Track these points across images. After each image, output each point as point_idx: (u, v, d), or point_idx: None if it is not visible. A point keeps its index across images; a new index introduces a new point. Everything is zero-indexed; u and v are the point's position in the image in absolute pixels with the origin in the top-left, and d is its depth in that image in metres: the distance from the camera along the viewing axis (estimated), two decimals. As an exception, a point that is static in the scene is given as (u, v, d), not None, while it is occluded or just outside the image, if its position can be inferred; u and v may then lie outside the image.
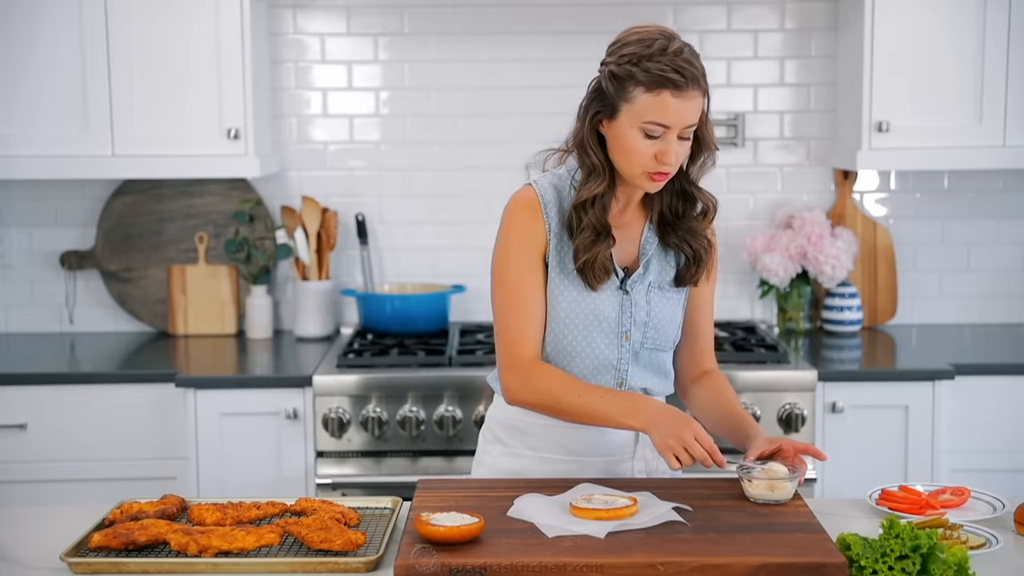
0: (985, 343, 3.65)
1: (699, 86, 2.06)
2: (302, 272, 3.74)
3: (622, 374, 2.20)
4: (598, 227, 2.13)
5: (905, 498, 2.12)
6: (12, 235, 3.83)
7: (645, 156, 2.06)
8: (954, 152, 3.47)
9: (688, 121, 2.06)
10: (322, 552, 1.86)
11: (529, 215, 2.17)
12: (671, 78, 2.03)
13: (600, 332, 2.17)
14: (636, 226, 2.22)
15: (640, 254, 2.21)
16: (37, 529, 2.06)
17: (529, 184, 2.20)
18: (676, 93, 2.03)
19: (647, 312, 2.19)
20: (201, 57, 3.42)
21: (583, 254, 2.13)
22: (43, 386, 3.25)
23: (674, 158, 2.07)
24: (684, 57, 2.05)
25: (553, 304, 2.18)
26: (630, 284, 2.18)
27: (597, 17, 3.75)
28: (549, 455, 2.22)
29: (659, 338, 2.22)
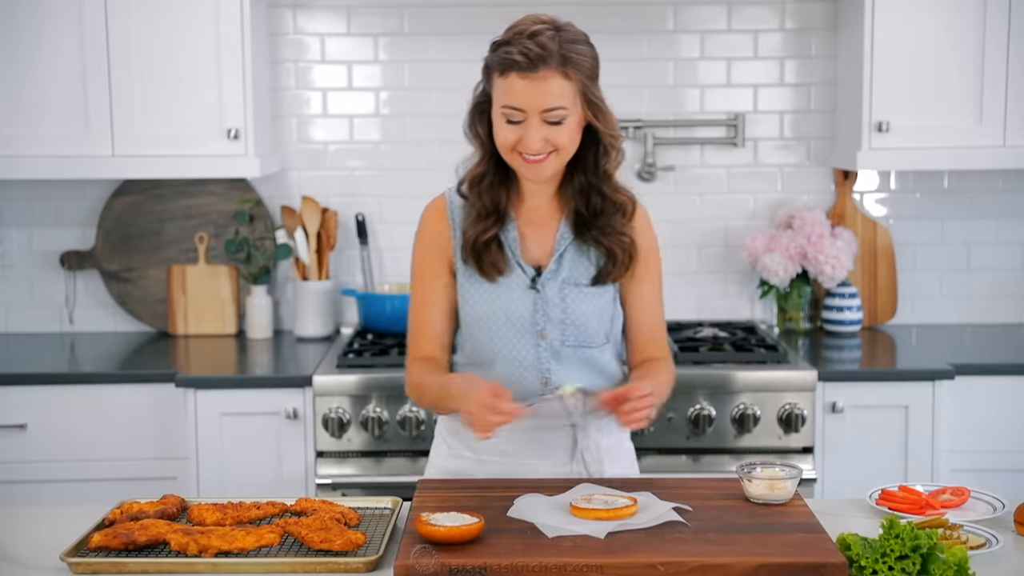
0: (985, 343, 3.65)
1: (551, 67, 2.02)
2: (302, 272, 3.74)
3: (545, 374, 2.18)
4: (481, 209, 2.14)
5: (905, 498, 2.12)
6: (12, 235, 3.83)
7: (508, 141, 2.07)
8: (954, 152, 3.47)
9: (544, 104, 2.02)
10: (322, 552, 1.86)
11: (433, 220, 2.21)
12: (516, 59, 2.01)
13: (514, 331, 2.16)
14: (552, 223, 2.20)
15: (554, 250, 2.19)
16: (37, 529, 2.06)
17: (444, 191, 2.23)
18: (522, 75, 2.01)
19: (563, 310, 2.17)
20: (201, 57, 3.42)
21: (467, 233, 2.15)
22: (43, 386, 3.25)
23: (536, 144, 2.04)
24: (537, 40, 2.01)
25: (465, 306, 2.18)
26: (542, 281, 2.16)
27: (597, 17, 3.75)
28: (486, 456, 2.23)
29: (581, 335, 2.19)
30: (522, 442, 2.20)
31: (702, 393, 3.18)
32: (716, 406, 3.18)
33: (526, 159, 2.07)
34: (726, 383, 3.19)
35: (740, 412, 3.17)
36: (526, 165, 2.09)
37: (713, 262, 3.86)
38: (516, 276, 2.17)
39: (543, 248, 2.19)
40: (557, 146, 2.07)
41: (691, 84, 3.80)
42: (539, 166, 2.08)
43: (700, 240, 3.86)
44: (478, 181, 2.16)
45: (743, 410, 3.17)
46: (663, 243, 3.82)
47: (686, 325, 3.74)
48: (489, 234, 2.14)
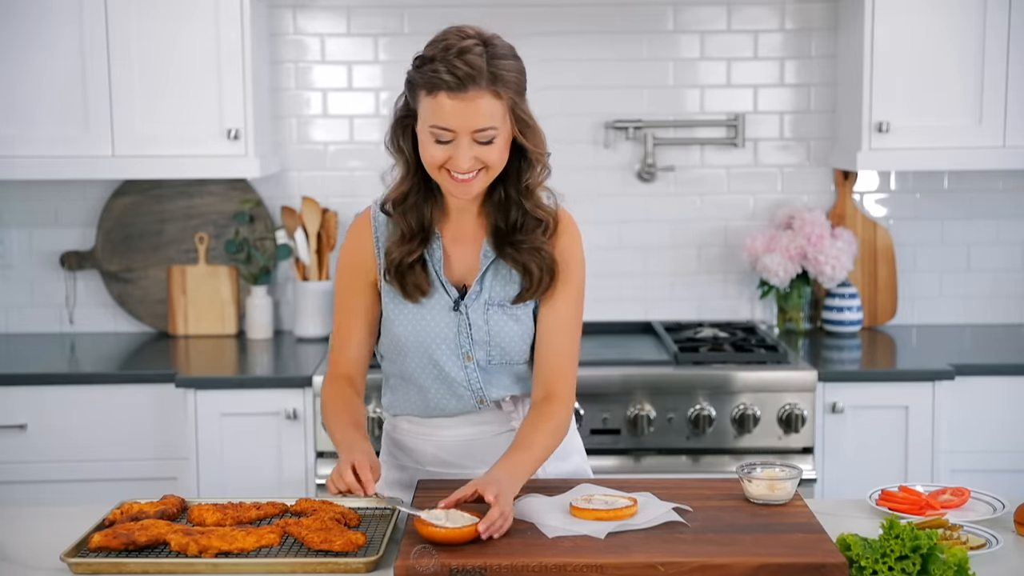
0: (985, 343, 3.65)
1: (482, 88, 1.94)
2: (302, 272, 3.74)
3: (478, 393, 2.16)
4: (405, 229, 2.09)
5: (905, 498, 2.12)
6: (12, 235, 3.83)
7: (437, 160, 2.00)
8: (954, 152, 3.47)
9: (475, 125, 1.96)
10: (322, 552, 1.86)
11: (357, 236, 2.17)
12: (444, 79, 1.93)
13: (440, 353, 2.13)
14: (476, 240, 2.14)
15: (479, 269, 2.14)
16: (37, 529, 2.06)
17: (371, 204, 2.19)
18: (452, 95, 1.94)
19: (487, 332, 2.12)
20: (201, 57, 3.42)
21: (392, 255, 2.10)
22: (43, 386, 3.25)
23: (465, 163, 1.98)
24: (466, 58, 1.94)
25: (390, 326, 2.15)
26: (464, 304, 2.12)
27: (597, 17, 3.75)
28: (430, 467, 2.22)
29: (506, 355, 2.14)
30: (462, 450, 2.20)
31: (702, 393, 3.18)
32: (716, 406, 3.18)
33: (454, 177, 2.00)
34: (726, 383, 3.19)
35: (740, 412, 3.17)
36: (454, 183, 2.01)
37: (713, 262, 3.86)
38: (439, 297, 2.12)
39: (467, 265, 2.14)
40: (487, 164, 2.01)
41: (691, 84, 3.80)
42: (468, 184, 2.02)
43: (700, 240, 3.86)
44: (402, 199, 2.09)
45: (743, 410, 3.17)
46: (663, 243, 3.87)
47: (686, 325, 3.74)
48: (414, 256, 2.09)
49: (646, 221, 3.84)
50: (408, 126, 2.06)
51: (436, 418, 2.20)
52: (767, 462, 2.10)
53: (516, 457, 2.01)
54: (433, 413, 2.19)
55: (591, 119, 3.80)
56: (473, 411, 2.17)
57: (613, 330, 3.77)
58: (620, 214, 3.81)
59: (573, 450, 2.32)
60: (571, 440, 2.31)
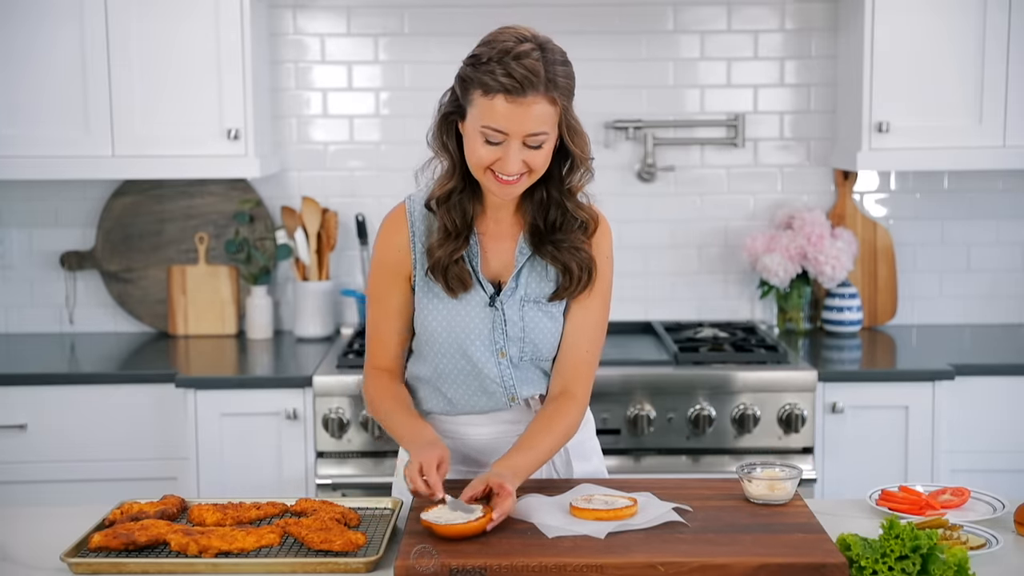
0: (985, 343, 3.65)
1: (540, 93, 1.96)
2: (302, 272, 3.74)
3: (510, 390, 2.16)
4: (450, 227, 2.10)
5: (905, 498, 2.12)
6: (12, 235, 3.83)
7: (484, 160, 2.01)
8: (954, 152, 3.47)
9: (529, 129, 1.97)
10: (322, 552, 1.87)
11: (392, 230, 2.17)
12: (503, 83, 1.95)
13: (474, 348, 2.13)
14: (512, 236, 2.16)
15: (514, 266, 2.15)
16: (37, 529, 2.06)
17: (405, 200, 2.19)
18: (510, 99, 1.95)
19: (522, 328, 2.14)
20: (201, 57, 3.42)
21: (434, 253, 2.10)
22: (43, 386, 3.26)
23: (515, 166, 1.99)
24: (525, 63, 1.95)
25: (424, 321, 2.15)
26: (500, 299, 2.13)
27: (597, 18, 3.75)
28: (456, 466, 2.20)
29: (537, 352, 2.16)
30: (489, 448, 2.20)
31: (702, 393, 3.18)
32: (716, 406, 3.18)
33: (499, 178, 2.02)
34: (726, 383, 3.19)
35: (740, 412, 3.17)
36: (498, 185, 2.03)
37: (713, 262, 3.86)
38: (475, 293, 2.13)
39: (502, 261, 2.15)
40: (532, 168, 2.02)
41: (691, 84, 3.80)
42: (512, 186, 2.03)
43: (700, 240, 3.86)
44: (447, 197, 2.11)
45: (743, 410, 3.17)
46: (663, 243, 3.87)
47: (686, 325, 3.74)
48: (458, 254, 2.10)
49: (646, 221, 3.84)
50: (453, 123, 2.08)
51: (464, 415, 2.20)
52: (767, 462, 2.10)
53: (520, 458, 2.03)
54: (462, 411, 2.19)
55: (591, 119, 3.79)
56: (503, 409, 2.17)
57: (613, 330, 3.74)
58: (620, 214, 3.81)
59: (593, 451, 2.33)
60: (591, 440, 2.34)
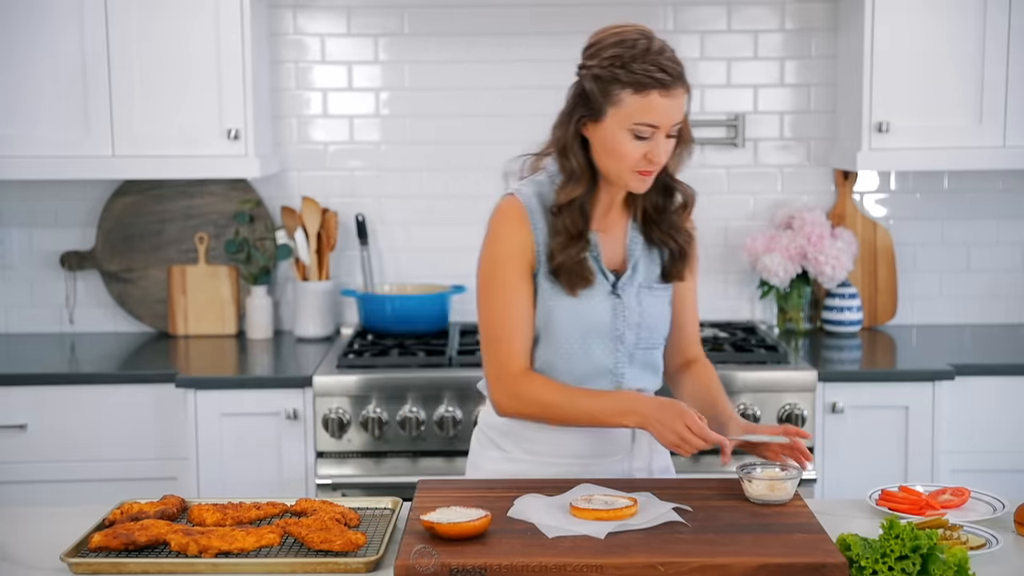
0: (985, 343, 3.65)
1: (684, 84, 2.08)
2: (302, 272, 3.74)
3: (619, 377, 2.20)
4: (572, 230, 2.13)
5: (905, 498, 2.12)
6: (12, 235, 3.83)
7: (634, 157, 2.07)
8: (954, 152, 3.47)
9: (676, 119, 2.08)
10: (322, 552, 1.86)
11: (516, 226, 2.16)
12: (658, 78, 2.03)
13: (595, 338, 2.17)
14: (620, 227, 2.22)
15: (627, 255, 2.20)
16: (37, 529, 2.06)
17: (511, 194, 2.19)
18: (664, 92, 2.04)
19: (639, 313, 2.19)
20: (201, 57, 3.42)
21: (557, 257, 2.13)
22: (43, 386, 3.25)
23: (664, 156, 2.09)
24: (668, 56, 2.06)
25: (547, 314, 2.16)
26: (620, 286, 2.18)
27: (597, 17, 3.71)
28: (550, 459, 2.21)
29: (652, 337, 2.22)
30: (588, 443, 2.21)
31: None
32: (716, 406, 3.17)
33: (641, 173, 2.09)
34: (726, 383, 3.16)
35: (740, 412, 3.17)
36: (639, 178, 2.10)
37: (713, 262, 3.86)
38: (599, 284, 2.18)
39: (616, 251, 2.21)
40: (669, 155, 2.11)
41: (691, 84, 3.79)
42: (649, 179, 2.11)
43: (700, 240, 3.83)
44: (572, 204, 2.14)
45: (743, 410, 3.17)
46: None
47: (686, 325, 3.74)
48: (582, 256, 2.14)
49: (646, 221, 3.84)
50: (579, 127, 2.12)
51: None
52: (767, 462, 2.10)
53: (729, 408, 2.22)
54: None
55: (591, 119, 3.79)
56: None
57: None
58: (620, 214, 3.81)
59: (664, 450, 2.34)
60: None
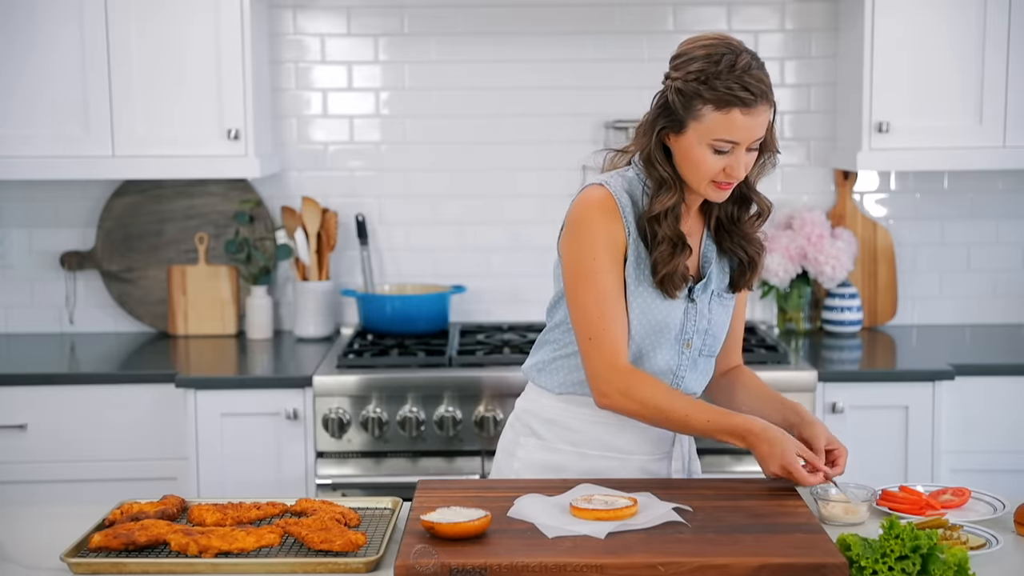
0: (985, 343, 3.65)
1: (767, 100, 2.06)
2: (302, 272, 3.74)
3: (679, 380, 2.22)
4: (674, 239, 2.12)
5: (905, 498, 2.12)
6: (12, 235, 3.83)
7: (713, 170, 2.08)
8: (954, 152, 3.47)
9: (757, 136, 2.07)
10: (322, 553, 1.86)
11: (611, 217, 2.13)
12: (740, 96, 2.02)
13: (666, 340, 2.18)
14: (695, 234, 2.22)
15: (702, 262, 2.21)
16: (37, 529, 2.06)
17: (600, 185, 2.16)
18: (745, 111, 2.03)
19: (708, 320, 2.21)
20: (201, 57, 3.42)
21: (663, 267, 2.12)
22: (43, 386, 3.25)
23: (744, 172, 2.09)
24: (752, 73, 2.03)
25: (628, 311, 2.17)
26: (696, 292, 2.19)
27: (597, 17, 3.75)
28: (590, 451, 2.22)
29: (714, 345, 2.25)
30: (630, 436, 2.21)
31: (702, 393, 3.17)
32: (716, 406, 3.17)
33: (721, 185, 2.10)
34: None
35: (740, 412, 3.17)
36: (718, 191, 2.11)
37: (713, 262, 3.85)
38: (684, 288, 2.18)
39: (692, 258, 2.20)
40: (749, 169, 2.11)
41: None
42: (727, 191, 2.12)
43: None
44: (667, 213, 2.12)
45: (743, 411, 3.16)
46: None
47: (686, 325, 3.74)
48: (685, 264, 2.14)
49: (646, 221, 3.84)
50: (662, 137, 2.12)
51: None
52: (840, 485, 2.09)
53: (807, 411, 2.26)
54: None
55: (591, 119, 3.79)
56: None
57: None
58: (620, 214, 3.81)
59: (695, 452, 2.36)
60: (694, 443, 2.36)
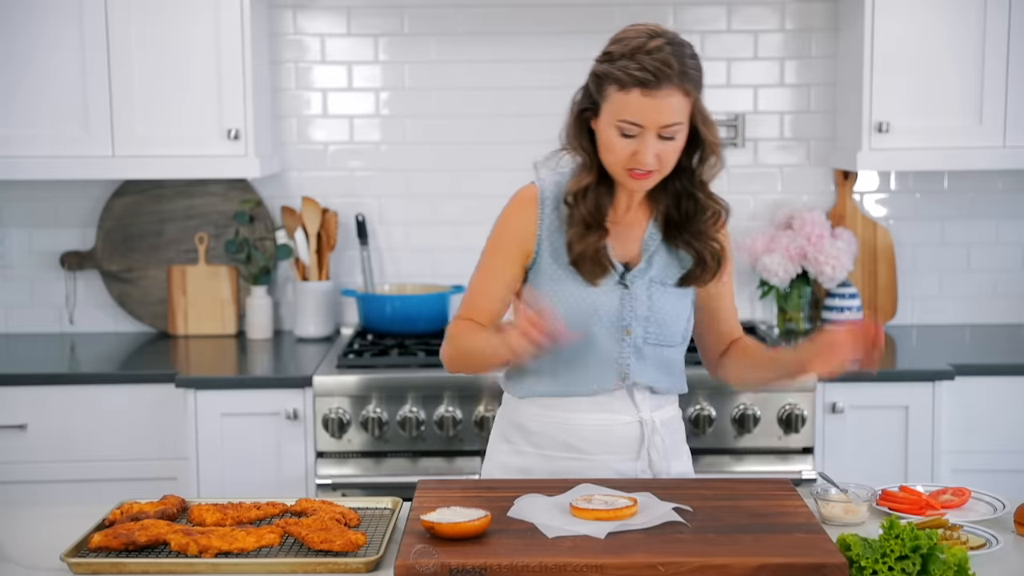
0: (985, 343, 3.65)
1: (675, 85, 2.05)
2: (302, 272, 3.74)
3: (624, 369, 2.21)
4: (588, 219, 2.15)
5: (905, 498, 2.12)
6: (12, 235, 3.83)
7: (622, 155, 2.08)
8: (954, 152, 3.47)
9: (664, 121, 2.05)
10: (322, 553, 1.87)
11: (522, 207, 2.22)
12: (639, 76, 2.03)
13: (600, 326, 2.18)
14: (640, 223, 2.22)
15: (642, 250, 2.21)
16: (37, 529, 2.06)
17: (533, 182, 2.24)
18: (646, 92, 2.03)
19: (648, 307, 2.20)
20: (201, 57, 3.42)
21: (575, 247, 2.16)
22: (43, 386, 3.25)
23: (651, 158, 2.06)
24: (660, 56, 2.03)
25: (554, 299, 2.18)
26: (630, 278, 2.19)
27: (597, 17, 3.75)
28: (552, 452, 2.23)
29: (663, 334, 2.21)
30: (589, 437, 2.21)
31: (702, 393, 3.18)
32: (716, 406, 3.18)
33: (633, 173, 2.09)
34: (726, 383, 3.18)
35: (740, 412, 3.17)
36: (632, 179, 2.11)
37: (713, 262, 3.85)
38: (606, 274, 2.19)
39: (630, 247, 2.21)
40: (664, 161, 2.09)
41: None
42: (645, 180, 2.11)
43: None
44: (583, 193, 2.16)
45: (743, 410, 3.17)
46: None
47: (686, 325, 3.74)
48: (598, 246, 2.16)
49: (646, 221, 3.84)
50: (586, 120, 2.14)
51: (570, 398, 2.21)
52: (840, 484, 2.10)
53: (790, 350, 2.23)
54: (568, 393, 2.21)
55: (591, 119, 3.79)
56: (607, 392, 2.19)
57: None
58: (620, 214, 3.81)
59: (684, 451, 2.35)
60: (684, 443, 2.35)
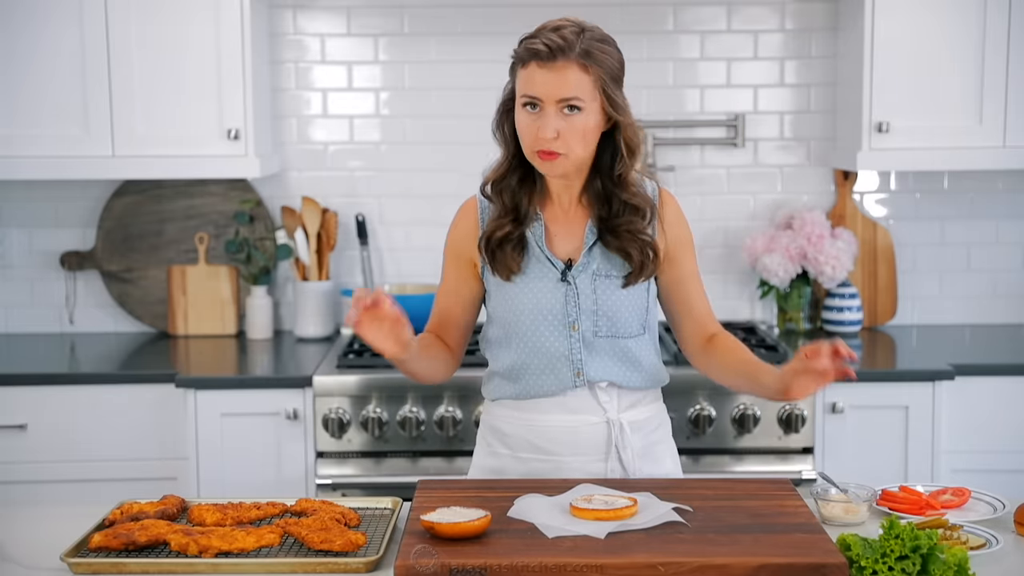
0: (985, 343, 3.65)
1: (571, 59, 2.08)
2: (302, 272, 3.74)
3: (577, 364, 2.20)
4: (501, 208, 2.20)
5: (905, 498, 2.12)
6: (12, 235, 3.83)
7: (528, 134, 2.11)
8: (954, 152, 3.47)
9: (559, 94, 2.07)
10: (322, 553, 1.87)
11: (463, 218, 2.29)
12: (534, 49, 2.08)
13: (546, 323, 2.19)
14: (581, 220, 2.24)
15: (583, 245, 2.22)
16: (37, 529, 2.06)
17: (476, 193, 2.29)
18: (541, 64, 2.08)
19: (595, 301, 2.20)
20: (201, 57, 3.42)
21: (490, 236, 2.20)
22: (43, 386, 3.25)
23: (550, 131, 2.08)
24: (561, 33, 2.09)
25: (497, 302, 2.23)
26: (572, 274, 2.19)
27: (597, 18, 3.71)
28: (524, 454, 2.24)
29: (614, 325, 2.21)
30: (556, 437, 2.21)
31: (702, 393, 3.18)
32: (716, 406, 3.18)
33: (540, 154, 2.11)
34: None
35: (740, 412, 3.17)
36: (541, 161, 2.13)
37: (713, 262, 3.86)
38: (545, 271, 2.20)
39: (572, 244, 2.22)
40: (568, 141, 2.10)
41: (691, 84, 3.80)
42: (553, 163, 2.12)
43: (700, 240, 3.84)
44: (500, 180, 2.22)
45: (743, 410, 3.17)
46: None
47: (686, 325, 3.74)
48: (503, 231, 2.18)
49: (646, 221, 3.84)
50: (510, 110, 2.19)
51: (533, 399, 2.22)
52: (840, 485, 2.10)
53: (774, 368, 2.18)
54: (529, 394, 2.22)
55: (591, 119, 3.79)
56: (569, 390, 2.19)
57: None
58: (620, 214, 3.81)
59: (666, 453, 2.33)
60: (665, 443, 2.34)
